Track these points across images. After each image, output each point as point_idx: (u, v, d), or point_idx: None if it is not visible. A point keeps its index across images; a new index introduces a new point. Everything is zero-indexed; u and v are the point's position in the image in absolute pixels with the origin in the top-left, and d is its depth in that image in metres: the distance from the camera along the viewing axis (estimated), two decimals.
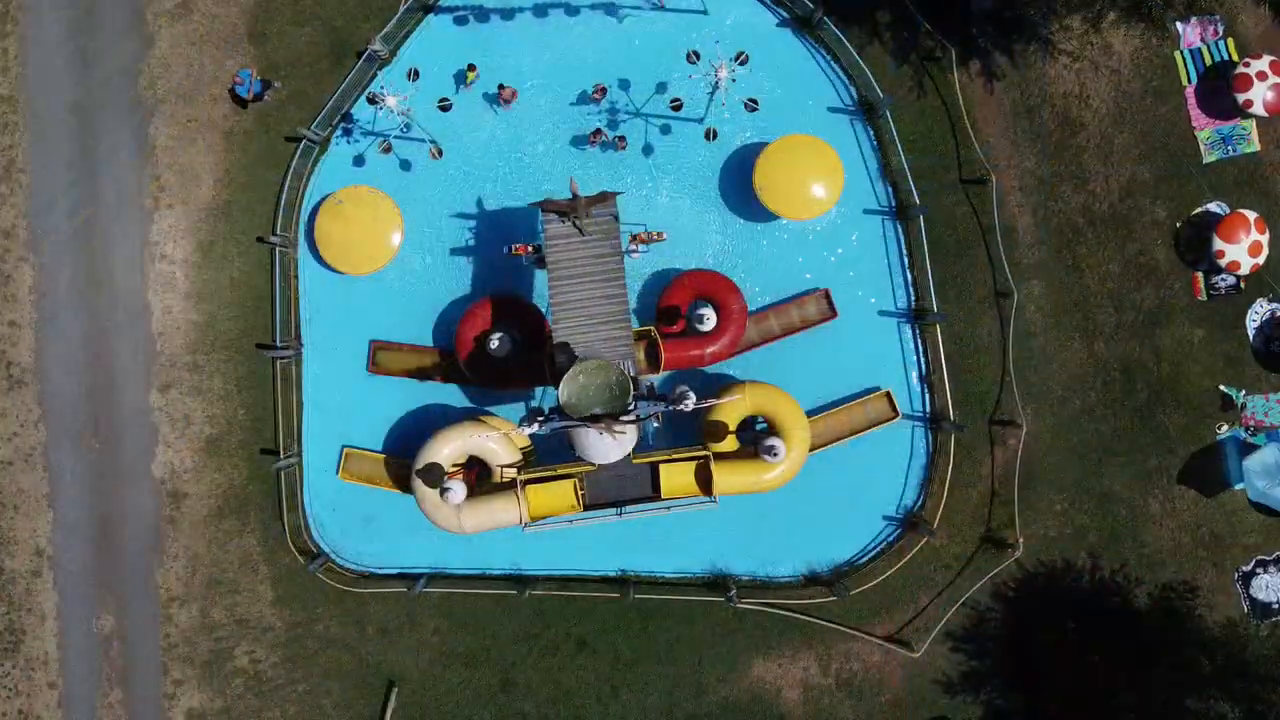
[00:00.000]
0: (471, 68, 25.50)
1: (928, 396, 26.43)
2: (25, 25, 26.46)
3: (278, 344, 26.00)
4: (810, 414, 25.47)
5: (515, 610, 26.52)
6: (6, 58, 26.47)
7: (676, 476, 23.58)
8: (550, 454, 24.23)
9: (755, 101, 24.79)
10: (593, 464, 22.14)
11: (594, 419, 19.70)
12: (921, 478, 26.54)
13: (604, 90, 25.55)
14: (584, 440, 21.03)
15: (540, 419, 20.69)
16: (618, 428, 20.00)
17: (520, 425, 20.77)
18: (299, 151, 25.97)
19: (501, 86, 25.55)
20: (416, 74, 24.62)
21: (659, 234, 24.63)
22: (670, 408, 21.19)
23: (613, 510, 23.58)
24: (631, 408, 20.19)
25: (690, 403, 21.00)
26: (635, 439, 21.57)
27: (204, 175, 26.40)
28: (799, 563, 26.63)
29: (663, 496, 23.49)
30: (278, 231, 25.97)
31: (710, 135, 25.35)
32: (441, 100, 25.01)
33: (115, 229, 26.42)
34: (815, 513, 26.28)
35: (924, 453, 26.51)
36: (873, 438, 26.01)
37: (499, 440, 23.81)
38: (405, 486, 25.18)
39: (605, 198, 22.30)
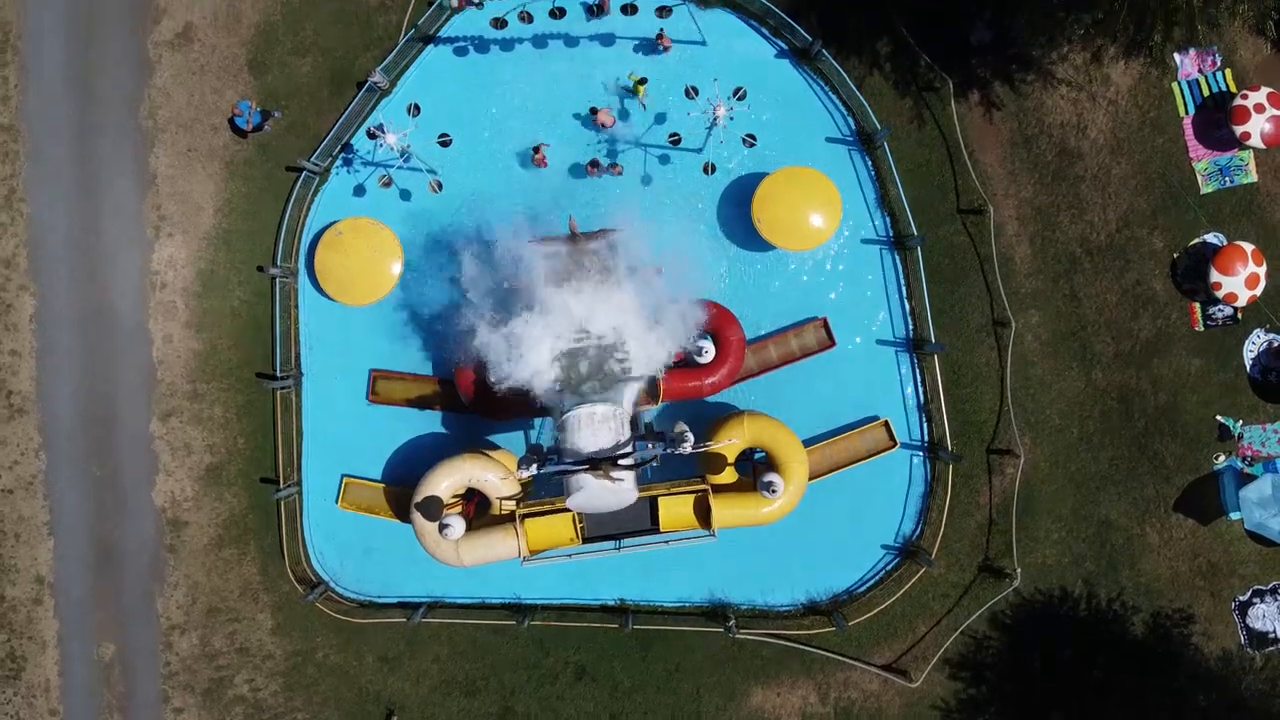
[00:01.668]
0: (642, 81, 25.14)
1: (926, 425, 26.50)
2: (26, 54, 26.50)
3: (278, 374, 26.07)
4: (809, 443, 25.56)
5: (514, 638, 26.62)
6: (7, 86, 26.51)
7: (675, 510, 23.67)
8: (549, 487, 24.30)
9: (753, 137, 24.83)
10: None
11: (593, 465, 19.74)
12: (920, 507, 26.61)
13: (605, 112, 25.40)
14: (581, 490, 20.93)
15: (538, 459, 20.69)
16: (616, 474, 20.05)
17: (519, 468, 20.82)
18: (300, 181, 26.05)
19: (536, 149, 25.42)
20: (417, 109, 24.67)
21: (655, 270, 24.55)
22: (668, 450, 21.24)
23: (611, 544, 23.66)
24: (629, 450, 20.23)
25: (688, 446, 21.05)
26: (635, 495, 21.60)
27: (205, 204, 26.46)
28: (798, 592, 26.72)
29: (661, 530, 23.59)
30: (278, 262, 26.03)
31: (709, 169, 25.39)
32: (441, 136, 25.02)
33: (116, 258, 26.48)
34: (814, 542, 26.37)
35: (922, 482, 26.59)
36: (871, 467, 26.08)
37: (497, 472, 23.83)
38: (405, 516, 25.23)
39: (604, 234, 22.34)
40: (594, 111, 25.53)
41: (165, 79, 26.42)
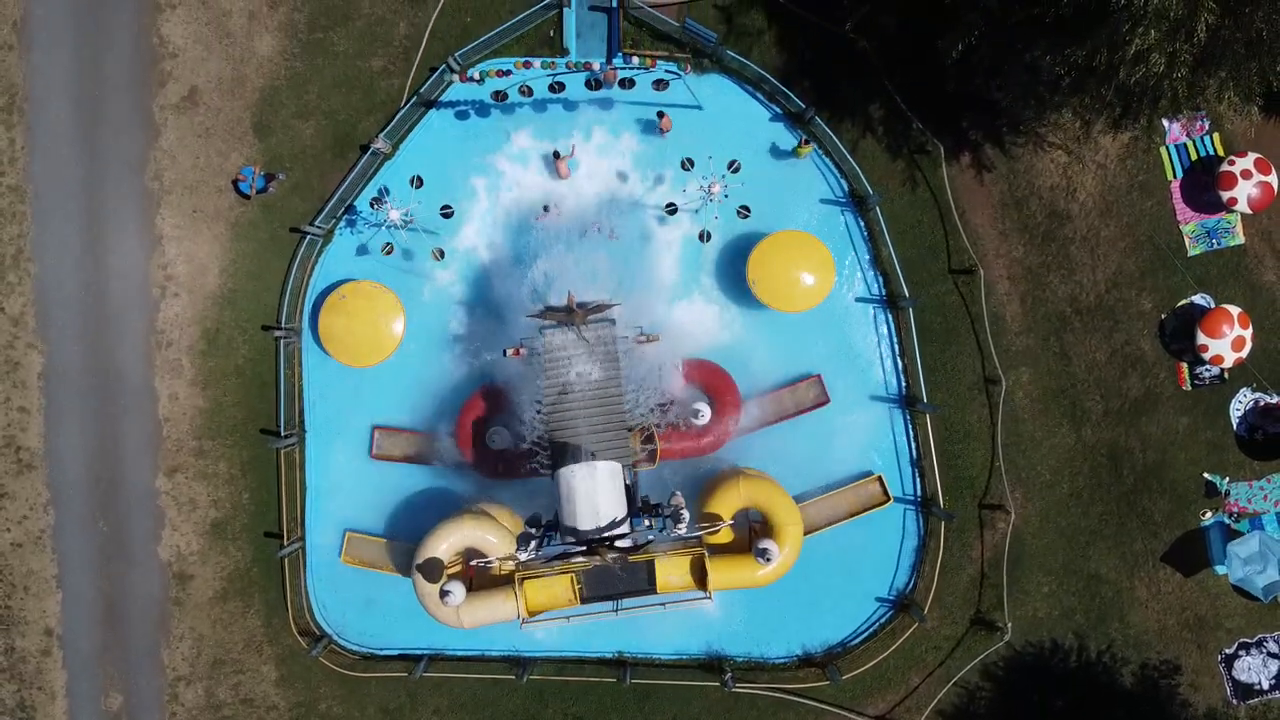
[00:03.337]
0: (806, 142, 25.75)
1: (919, 481, 26.96)
2: (32, 116, 26.89)
3: (282, 431, 26.51)
4: (803, 498, 26.04)
5: (513, 691, 27.07)
6: (14, 148, 26.90)
7: (672, 572, 24.09)
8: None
9: (747, 209, 25.29)
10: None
11: (589, 550, 20.19)
12: (913, 560, 27.06)
13: (563, 162, 25.84)
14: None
15: (537, 536, 21.10)
16: (613, 556, 20.51)
17: (518, 548, 21.29)
18: (304, 242, 26.48)
19: (556, 154, 25.79)
20: (420, 181, 25.11)
21: (654, 336, 24.98)
22: (664, 531, 21.65)
23: (609, 605, 24.11)
24: (626, 530, 20.68)
25: (684, 527, 21.50)
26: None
27: (210, 264, 26.90)
28: (793, 644, 27.18)
29: (658, 591, 24.03)
30: (282, 322, 26.47)
31: (704, 237, 25.89)
32: (444, 208, 25.50)
33: (122, 317, 26.88)
34: (809, 595, 26.77)
35: (915, 536, 27.03)
36: (865, 521, 26.55)
37: (498, 533, 24.28)
38: (406, 570, 25.67)
39: (602, 308, 22.80)
40: (556, 155, 25.86)
41: (171, 141, 26.84)
